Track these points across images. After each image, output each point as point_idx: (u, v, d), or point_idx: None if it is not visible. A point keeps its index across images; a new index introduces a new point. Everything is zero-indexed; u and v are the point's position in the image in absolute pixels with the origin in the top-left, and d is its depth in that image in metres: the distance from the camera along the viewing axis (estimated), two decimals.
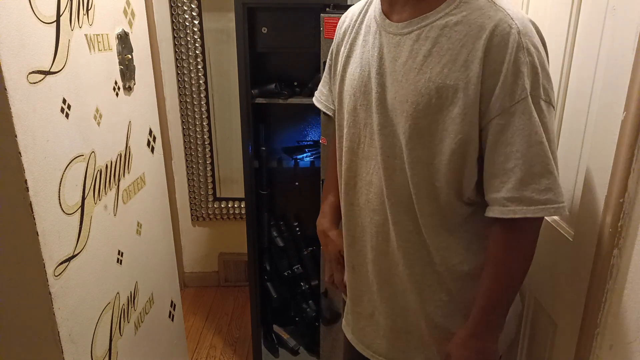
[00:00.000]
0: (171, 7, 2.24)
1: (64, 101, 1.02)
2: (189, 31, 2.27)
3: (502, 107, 0.78)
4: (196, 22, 2.25)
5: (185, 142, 2.47)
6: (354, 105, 0.95)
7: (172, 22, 2.27)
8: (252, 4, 1.66)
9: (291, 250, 2.03)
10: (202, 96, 2.37)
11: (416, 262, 0.93)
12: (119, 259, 1.29)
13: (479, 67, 0.78)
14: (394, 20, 0.88)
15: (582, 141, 0.98)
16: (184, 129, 2.44)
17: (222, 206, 2.57)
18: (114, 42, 1.27)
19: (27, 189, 0.91)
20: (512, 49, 0.76)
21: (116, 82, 1.28)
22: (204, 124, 2.42)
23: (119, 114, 1.30)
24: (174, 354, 1.75)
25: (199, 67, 2.32)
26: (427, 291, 0.94)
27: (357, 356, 1.08)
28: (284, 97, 1.80)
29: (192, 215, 2.60)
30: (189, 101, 2.38)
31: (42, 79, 0.94)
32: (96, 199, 1.16)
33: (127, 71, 1.33)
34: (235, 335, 2.35)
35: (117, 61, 1.28)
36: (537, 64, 0.78)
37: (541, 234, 0.86)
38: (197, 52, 2.30)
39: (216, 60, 2.33)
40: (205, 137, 2.44)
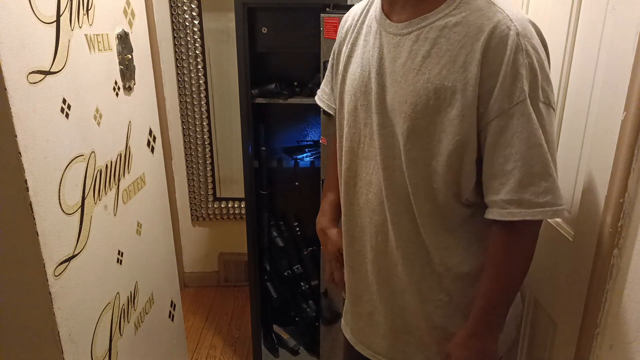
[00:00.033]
0: (171, 7, 2.24)
1: (64, 101, 1.02)
2: (189, 31, 2.27)
3: (500, 109, 0.78)
4: (196, 22, 2.25)
5: (185, 142, 2.47)
6: (354, 105, 0.95)
7: (172, 22, 2.27)
8: (252, 4, 1.66)
9: (291, 250, 2.03)
10: (202, 96, 2.37)
11: (415, 262, 0.93)
12: (119, 259, 1.29)
13: (477, 69, 0.78)
14: (394, 20, 0.88)
15: (582, 141, 0.98)
16: (184, 129, 2.44)
17: (222, 206, 2.57)
18: (114, 42, 1.27)
19: (27, 189, 0.91)
20: (511, 51, 0.76)
21: (116, 82, 1.28)
22: (204, 124, 2.42)
23: (119, 114, 1.30)
24: (174, 354, 1.75)
25: (199, 67, 2.32)
26: (427, 291, 0.94)
27: (357, 356, 1.08)
28: (284, 97, 1.80)
29: (192, 215, 2.60)
30: (189, 101, 2.38)
31: (42, 79, 0.94)
32: (96, 199, 1.16)
33: (127, 71, 1.33)
34: (235, 335, 2.35)
35: (117, 61, 1.28)
36: (536, 65, 0.77)
37: (541, 234, 0.86)
38: (197, 52, 2.30)
39: (216, 60, 2.33)
40: (205, 137, 2.44)
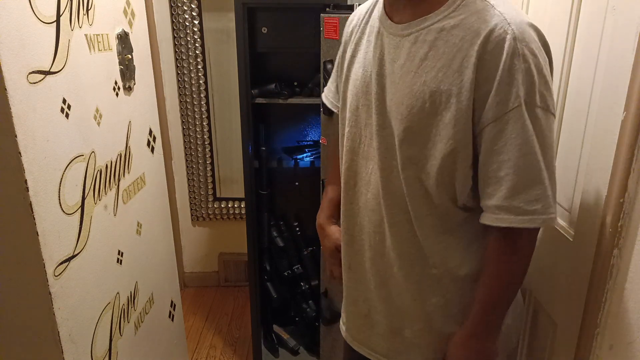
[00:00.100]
0: (171, 7, 2.24)
1: (64, 101, 1.02)
2: (189, 31, 2.27)
3: (495, 114, 0.77)
4: (196, 22, 2.25)
5: (185, 142, 2.47)
6: (356, 105, 0.95)
7: (172, 22, 2.27)
8: (252, 4, 1.66)
9: (291, 250, 2.03)
10: (202, 96, 2.37)
11: (411, 263, 0.93)
12: (119, 259, 1.29)
13: (472, 73, 0.77)
14: (395, 20, 0.88)
15: (582, 141, 0.98)
16: (184, 129, 2.44)
17: (222, 206, 2.57)
18: (114, 42, 1.27)
19: (27, 189, 0.91)
20: (507, 56, 0.75)
21: (116, 82, 1.28)
22: (204, 124, 2.42)
23: (119, 114, 1.30)
24: (174, 354, 1.75)
25: (199, 67, 2.32)
26: (424, 293, 0.94)
27: (357, 356, 1.08)
28: (284, 97, 1.80)
29: (192, 215, 2.60)
30: (189, 101, 2.38)
31: (42, 79, 0.94)
32: (96, 199, 1.16)
33: (127, 71, 1.33)
34: (235, 335, 2.35)
35: (117, 61, 1.28)
36: (534, 70, 0.76)
37: (541, 234, 0.86)
38: (197, 52, 2.30)
39: (216, 60, 2.33)
40: (205, 137, 2.44)
